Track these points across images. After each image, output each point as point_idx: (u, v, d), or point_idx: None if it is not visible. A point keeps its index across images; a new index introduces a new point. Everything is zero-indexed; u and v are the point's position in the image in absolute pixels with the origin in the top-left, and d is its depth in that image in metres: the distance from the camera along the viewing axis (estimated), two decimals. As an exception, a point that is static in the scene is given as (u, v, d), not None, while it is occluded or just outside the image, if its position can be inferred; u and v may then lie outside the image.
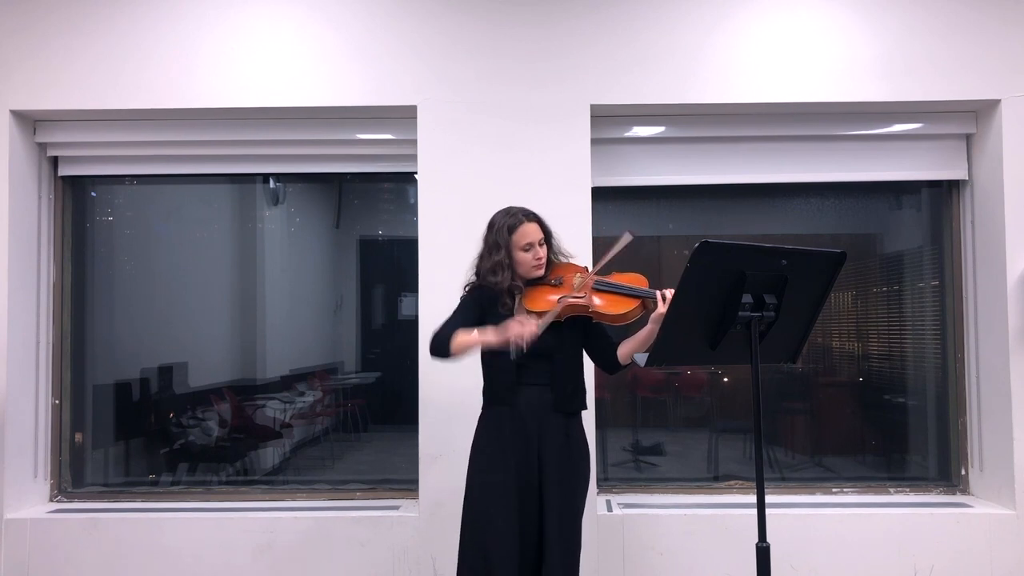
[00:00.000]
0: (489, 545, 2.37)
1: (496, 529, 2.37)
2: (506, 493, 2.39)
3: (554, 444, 2.44)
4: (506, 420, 2.45)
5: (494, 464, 2.43)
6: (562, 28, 3.44)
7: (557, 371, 2.45)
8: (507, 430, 2.44)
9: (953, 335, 3.68)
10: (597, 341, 2.57)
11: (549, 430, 2.45)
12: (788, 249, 2.03)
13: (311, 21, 3.47)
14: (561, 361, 2.47)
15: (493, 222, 2.53)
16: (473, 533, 2.43)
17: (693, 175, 3.66)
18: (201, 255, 4.30)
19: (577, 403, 2.53)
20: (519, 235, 2.46)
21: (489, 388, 2.53)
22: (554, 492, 2.42)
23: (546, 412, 2.45)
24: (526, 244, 2.47)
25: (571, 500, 2.46)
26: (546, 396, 2.45)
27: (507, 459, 2.42)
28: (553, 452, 2.44)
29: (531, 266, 2.48)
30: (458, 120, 3.41)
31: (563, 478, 2.44)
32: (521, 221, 2.48)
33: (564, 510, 2.42)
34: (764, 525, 2.04)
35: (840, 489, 3.67)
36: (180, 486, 3.89)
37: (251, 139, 3.63)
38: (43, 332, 3.66)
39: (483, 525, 2.40)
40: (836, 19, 3.44)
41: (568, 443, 2.48)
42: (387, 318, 4.28)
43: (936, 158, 3.63)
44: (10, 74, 3.46)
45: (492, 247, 2.49)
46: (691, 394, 4.20)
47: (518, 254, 2.47)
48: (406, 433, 3.59)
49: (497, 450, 2.44)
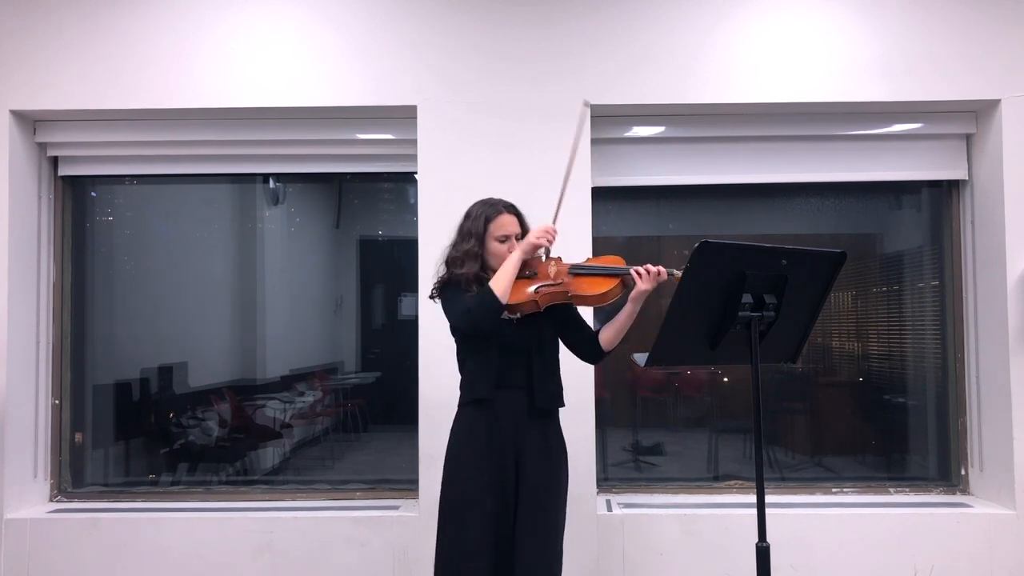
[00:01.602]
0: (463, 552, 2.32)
1: (470, 536, 2.32)
2: (481, 498, 2.34)
3: (531, 447, 2.40)
4: (482, 423, 2.39)
5: (469, 468, 2.38)
6: (562, 28, 3.44)
7: (535, 372, 2.41)
8: (483, 433, 2.38)
9: (953, 335, 3.68)
10: (577, 333, 2.52)
11: (526, 433, 2.40)
12: (788, 249, 2.03)
13: (311, 21, 3.47)
14: (539, 361, 2.43)
15: (470, 212, 2.49)
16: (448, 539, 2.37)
17: (693, 175, 3.66)
18: (201, 255, 4.30)
19: (554, 401, 2.48)
20: (496, 225, 2.43)
21: (467, 388, 2.47)
22: (531, 495, 2.37)
23: (523, 415, 2.40)
24: (502, 235, 2.43)
25: (550, 502, 2.40)
26: (523, 398, 2.40)
27: (482, 463, 2.37)
28: (530, 455, 2.39)
29: (504, 259, 2.41)
30: (458, 120, 3.41)
31: (541, 481, 2.39)
32: (500, 211, 2.44)
33: (542, 513, 2.37)
34: (764, 525, 2.04)
35: (840, 489, 3.67)
36: (180, 486, 3.89)
37: (251, 139, 3.63)
38: (43, 332, 3.66)
39: (457, 531, 2.35)
40: (836, 19, 3.44)
41: (547, 446, 2.43)
42: (387, 318, 4.29)
43: (936, 158, 3.63)
44: (10, 74, 3.46)
45: (465, 236, 2.45)
46: (691, 394, 4.20)
47: (492, 244, 2.43)
48: (406, 433, 3.59)
49: (473, 453, 2.38)
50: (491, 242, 2.44)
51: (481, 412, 2.39)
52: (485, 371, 2.41)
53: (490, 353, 2.40)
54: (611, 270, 2.39)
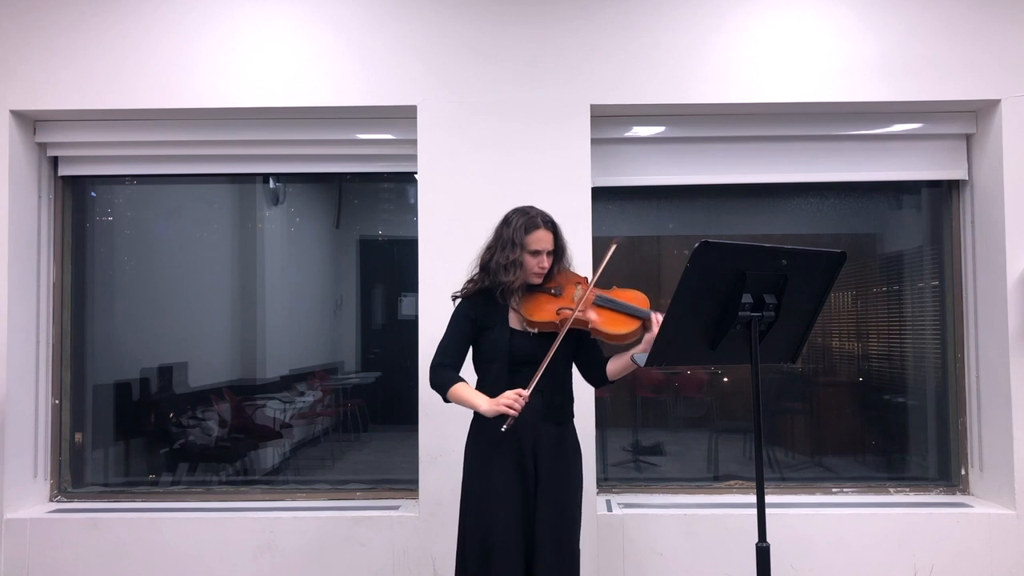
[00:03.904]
0: (493, 546, 2.34)
1: (499, 531, 2.35)
2: (507, 494, 2.38)
3: (548, 450, 2.43)
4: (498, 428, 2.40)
5: (491, 467, 2.41)
6: (562, 28, 3.44)
7: (548, 381, 2.42)
8: (500, 438, 2.40)
9: (953, 335, 3.68)
10: (589, 354, 2.56)
11: (543, 438, 2.43)
12: (788, 249, 2.02)
13: (311, 21, 3.47)
14: (553, 371, 2.43)
15: (510, 219, 2.50)
16: (474, 537, 2.40)
17: (693, 175, 3.66)
18: (201, 255, 4.30)
19: (566, 413, 2.52)
20: (532, 238, 2.44)
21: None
22: (549, 498, 2.40)
23: (538, 420, 2.42)
24: (535, 249, 2.45)
25: (566, 506, 2.43)
26: (538, 406, 2.42)
27: (504, 462, 2.40)
28: (548, 458, 2.42)
29: (532, 272, 2.46)
30: (458, 120, 3.41)
31: (558, 484, 2.42)
32: (539, 225, 2.46)
33: (559, 516, 2.40)
34: (764, 525, 2.03)
35: (840, 489, 3.67)
36: (180, 486, 3.89)
37: (251, 139, 3.63)
38: (43, 332, 3.66)
39: (485, 527, 2.38)
40: (836, 19, 3.44)
41: (564, 449, 2.47)
42: (387, 318, 4.28)
43: (936, 158, 3.63)
44: (10, 74, 3.46)
45: (507, 243, 2.45)
46: (691, 394, 4.19)
47: (525, 256, 2.45)
48: (406, 433, 3.59)
49: (494, 454, 2.42)
50: (523, 253, 2.45)
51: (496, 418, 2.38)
52: (496, 380, 2.44)
53: (501, 363, 2.45)
54: (635, 311, 2.41)
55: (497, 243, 2.49)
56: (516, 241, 2.44)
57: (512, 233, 2.46)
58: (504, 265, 2.44)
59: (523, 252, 2.44)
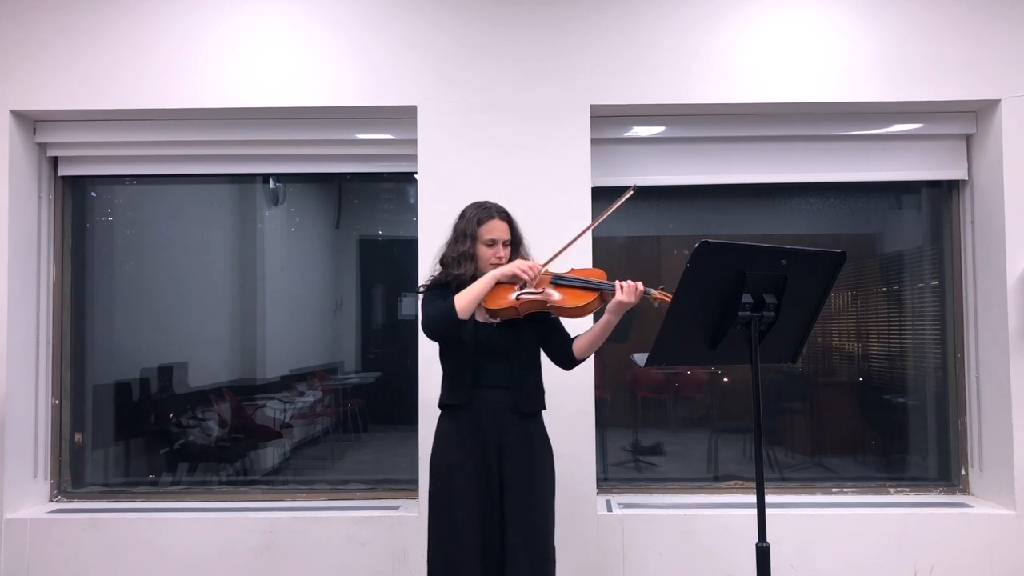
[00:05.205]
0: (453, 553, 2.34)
1: (459, 537, 2.34)
2: (467, 499, 2.36)
3: (515, 446, 2.41)
4: (464, 423, 2.42)
5: (453, 467, 2.40)
6: (562, 28, 3.44)
7: (515, 372, 2.43)
8: (465, 433, 2.41)
9: (953, 335, 3.68)
10: (556, 336, 2.54)
11: (509, 432, 2.42)
12: (788, 249, 2.03)
13: (311, 21, 3.47)
14: (519, 362, 2.44)
15: (465, 212, 2.53)
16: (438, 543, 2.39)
17: (693, 175, 3.66)
18: (201, 255, 4.30)
19: (535, 403, 2.50)
20: (485, 228, 2.46)
21: (446, 391, 2.49)
22: (516, 496, 2.38)
23: (505, 414, 2.42)
24: (490, 239, 2.47)
25: (535, 504, 2.40)
26: (504, 398, 2.42)
27: (466, 463, 2.39)
28: (514, 454, 2.41)
29: (488, 263, 2.46)
30: (458, 120, 3.41)
31: (525, 480, 2.40)
32: (492, 215, 2.48)
33: (528, 515, 2.37)
34: (764, 525, 2.04)
35: (840, 489, 3.67)
36: (180, 486, 3.89)
37: (251, 139, 3.63)
38: (43, 332, 3.66)
39: (445, 529, 2.37)
40: (836, 19, 3.44)
41: (530, 443, 2.44)
42: (387, 318, 4.28)
43: (936, 158, 3.63)
44: (10, 74, 3.46)
45: (460, 236, 2.49)
46: (691, 394, 4.19)
47: (480, 247, 2.47)
48: (406, 433, 3.59)
49: (456, 455, 2.40)
50: (479, 245, 2.47)
51: (462, 412, 2.41)
52: (461, 373, 2.44)
53: (465, 355, 2.43)
54: (591, 283, 2.42)
55: (453, 236, 2.52)
56: (468, 232, 2.46)
57: (465, 225, 2.49)
58: (455, 258, 2.46)
59: (477, 243, 2.46)
